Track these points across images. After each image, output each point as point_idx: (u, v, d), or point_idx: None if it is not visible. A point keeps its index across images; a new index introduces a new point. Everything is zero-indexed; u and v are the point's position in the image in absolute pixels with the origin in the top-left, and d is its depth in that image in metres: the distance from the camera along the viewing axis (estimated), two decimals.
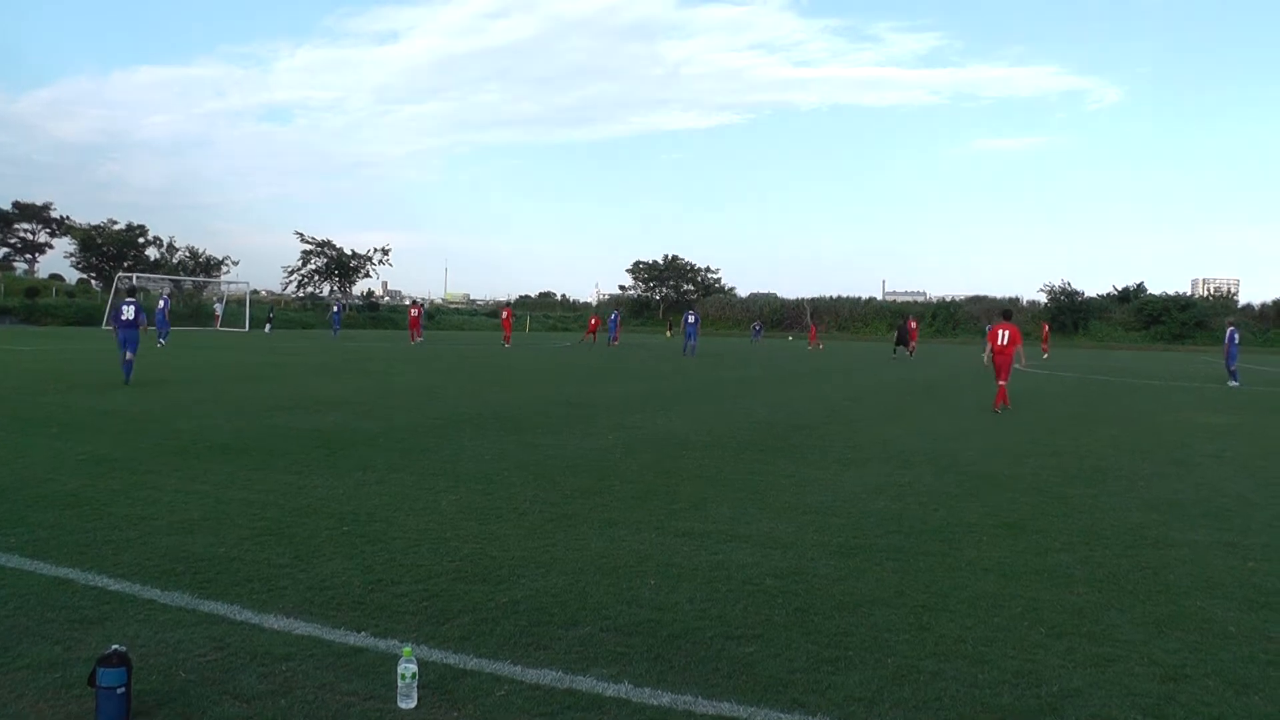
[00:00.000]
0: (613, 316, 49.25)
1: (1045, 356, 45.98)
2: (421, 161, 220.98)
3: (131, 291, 24.26)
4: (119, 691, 3.54)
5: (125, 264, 66.09)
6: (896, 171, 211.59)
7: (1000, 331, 18.13)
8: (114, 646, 3.65)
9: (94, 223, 72.49)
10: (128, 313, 19.31)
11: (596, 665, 4.25)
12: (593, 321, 52.96)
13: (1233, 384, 26.31)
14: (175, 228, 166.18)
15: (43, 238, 79.61)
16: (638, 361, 32.60)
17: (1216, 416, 17.95)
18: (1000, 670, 4.35)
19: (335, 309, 58.16)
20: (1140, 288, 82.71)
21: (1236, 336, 27.61)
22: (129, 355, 18.77)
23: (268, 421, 12.62)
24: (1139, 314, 77.91)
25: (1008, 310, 20.21)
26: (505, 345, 42.49)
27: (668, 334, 74.41)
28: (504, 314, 47.02)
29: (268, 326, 55.91)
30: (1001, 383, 17.94)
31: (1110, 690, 4.16)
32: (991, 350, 18.14)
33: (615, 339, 48.12)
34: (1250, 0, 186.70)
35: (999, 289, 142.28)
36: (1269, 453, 12.83)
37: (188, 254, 75.04)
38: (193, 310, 59.91)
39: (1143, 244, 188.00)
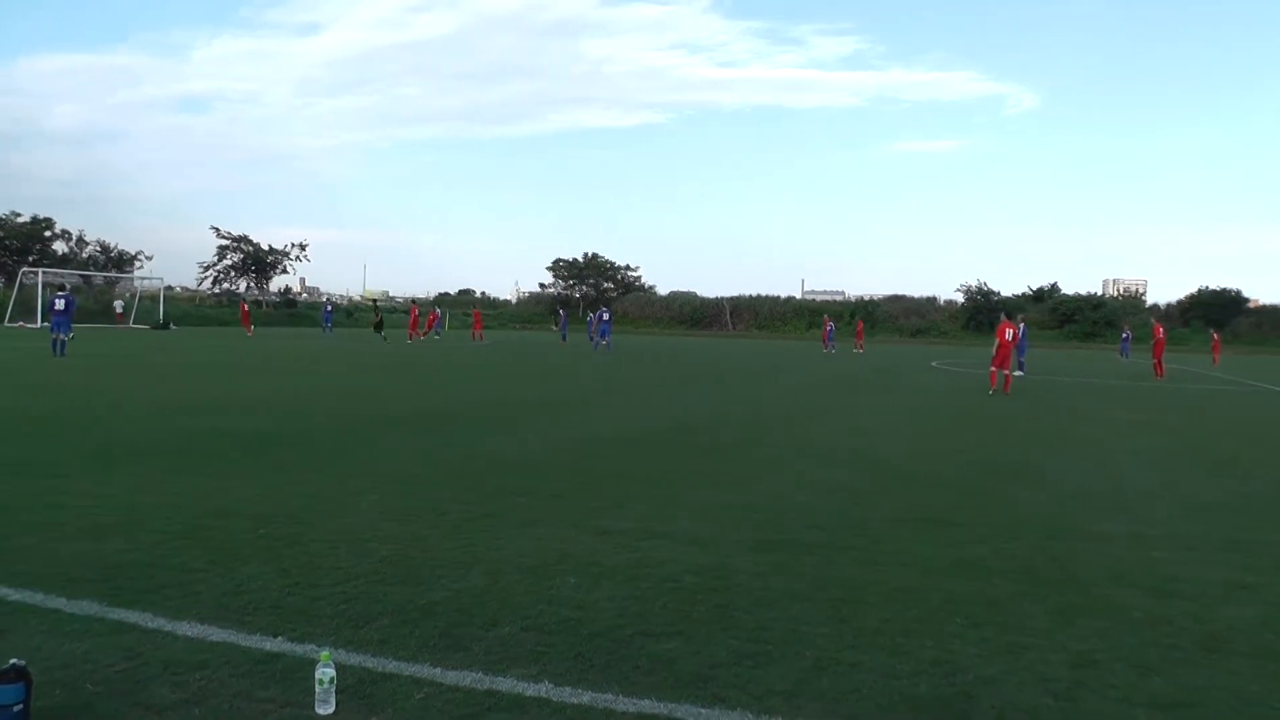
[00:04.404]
0: (603, 316, 43.02)
1: (859, 351, 47.22)
2: (342, 156, 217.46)
3: (62, 287, 29.40)
4: (16, 709, 3.39)
5: (30, 258, 63.92)
6: (818, 172, 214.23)
7: (1006, 329, 21.74)
8: (11, 661, 3.49)
9: None
10: (60, 304, 25.73)
11: (517, 665, 4.21)
12: (475, 314, 53.34)
13: (1018, 373, 27.41)
14: (85, 221, 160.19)
15: None
16: (558, 360, 32.51)
17: (1127, 412, 18.54)
18: (918, 660, 4.43)
19: (327, 308, 57.35)
20: (1054, 288, 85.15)
21: (1026, 331, 30.64)
22: (61, 337, 24.86)
23: (184, 422, 12.30)
24: (1053, 313, 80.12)
25: (1011, 310, 23.91)
26: (480, 341, 45.11)
27: (553, 328, 75.60)
28: (474, 312, 51.77)
29: (327, 328, 52.92)
30: (994, 368, 21.52)
31: (1023, 677, 4.27)
32: (999, 344, 21.64)
33: (605, 339, 42.05)
34: (1160, 14, 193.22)
35: (917, 288, 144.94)
36: (1175, 447, 13.30)
37: (98, 249, 72.97)
38: (104, 307, 58.08)
39: (1057, 245, 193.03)
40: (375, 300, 68.32)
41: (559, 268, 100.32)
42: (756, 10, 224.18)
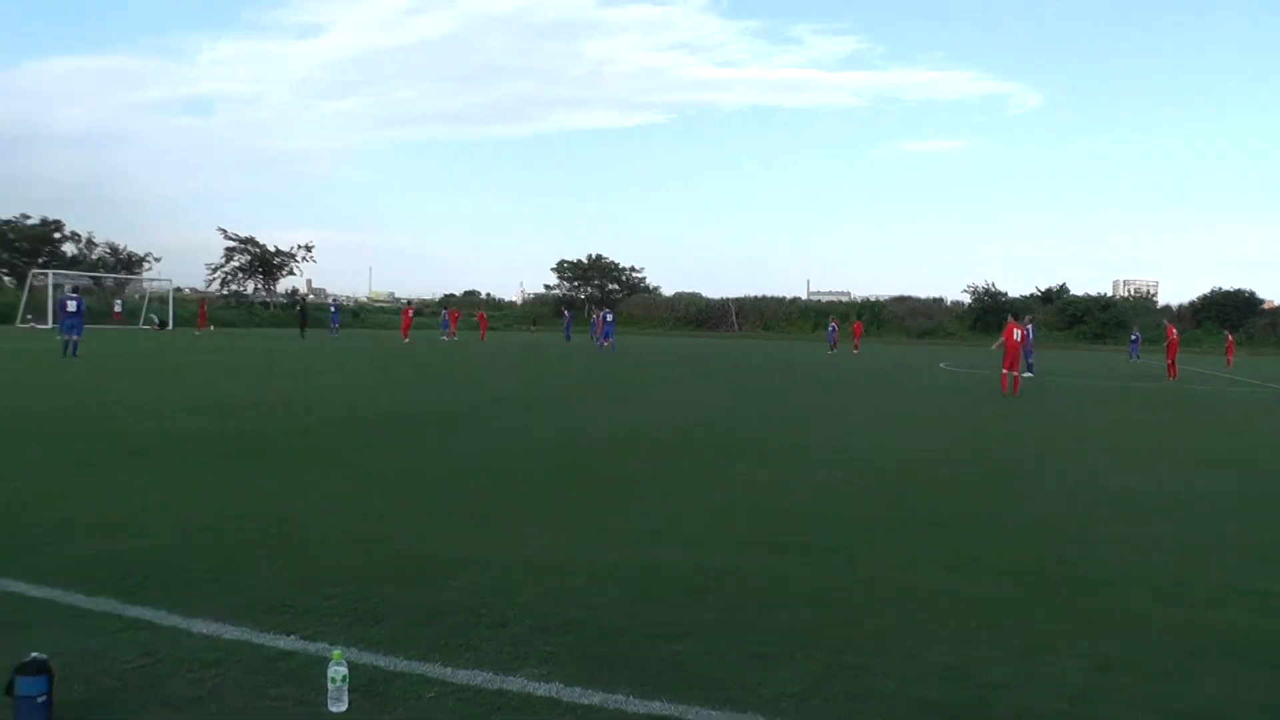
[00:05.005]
0: (607, 316, 43.67)
1: (856, 353, 47.06)
2: (344, 157, 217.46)
3: (75, 289, 29.49)
4: (39, 700, 3.41)
5: (40, 260, 64.06)
6: (821, 172, 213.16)
7: (1014, 330, 21.93)
8: (33, 654, 3.51)
9: (5, 217, 70.17)
10: (72, 305, 25.74)
11: (526, 665, 4.20)
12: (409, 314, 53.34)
13: (1027, 375, 27.31)
14: (93, 223, 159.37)
15: None
16: (562, 361, 32.53)
17: (1138, 414, 18.45)
18: (929, 664, 4.39)
19: (333, 309, 57.80)
20: (1063, 288, 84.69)
21: (1033, 332, 30.05)
22: (73, 338, 24.82)
23: (192, 423, 12.32)
24: (1062, 314, 79.78)
25: (1018, 311, 24.58)
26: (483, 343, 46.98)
27: (532, 329, 78.63)
28: (479, 314, 55.72)
29: (334, 328, 52.48)
30: (1005, 372, 21.61)
31: (1038, 682, 4.22)
32: (1005, 344, 21.87)
33: (609, 340, 42.06)
34: (1164, 10, 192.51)
35: (923, 289, 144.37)
36: (1188, 448, 13.25)
37: (108, 250, 73.09)
38: (112, 308, 58.23)
39: (1065, 246, 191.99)
40: (303, 296, 69.31)
41: (563, 269, 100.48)
42: (753, 10, 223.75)
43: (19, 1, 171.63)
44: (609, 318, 42.70)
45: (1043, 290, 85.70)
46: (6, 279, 68.08)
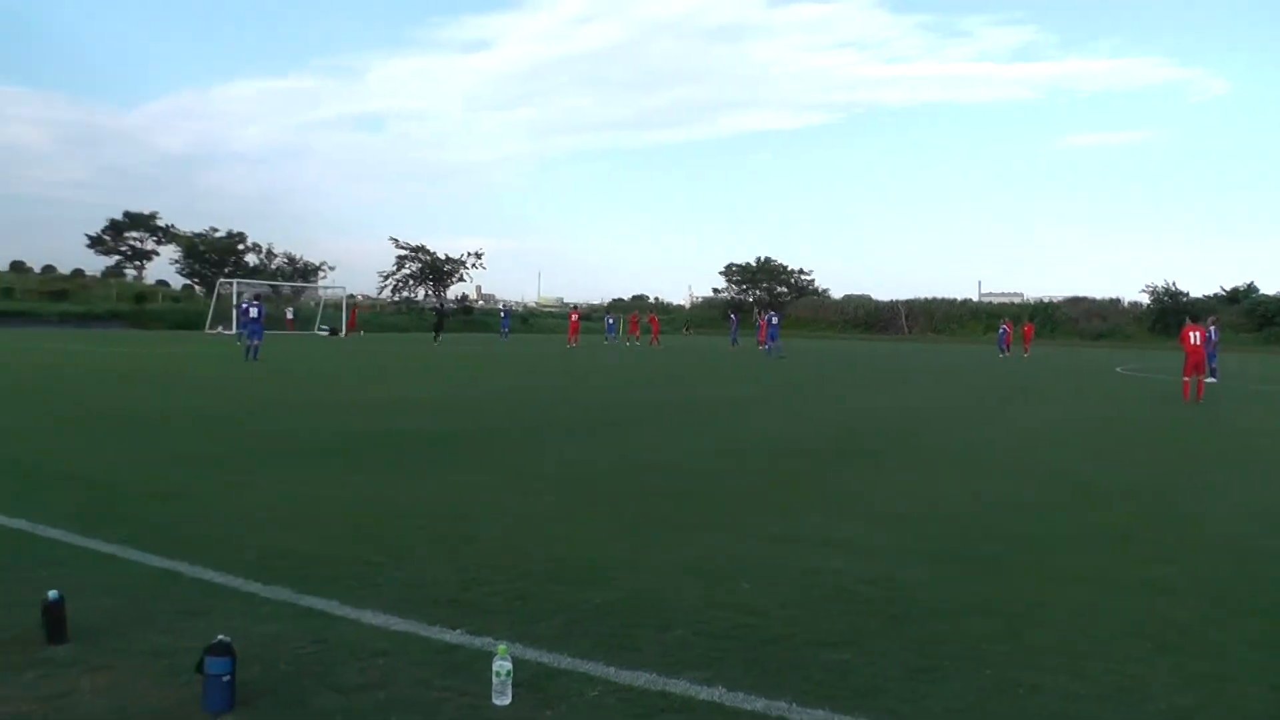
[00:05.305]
0: (772, 319, 43.15)
1: (1026, 356, 44.95)
2: (513, 166, 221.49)
3: (257, 297, 32.77)
4: (224, 680, 3.67)
5: (226, 270, 68.25)
6: (993, 169, 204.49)
7: (1190, 333, 20.97)
8: (219, 636, 3.77)
9: (197, 231, 75.34)
10: (253, 312, 27.61)
11: (690, 668, 4.23)
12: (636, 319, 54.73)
13: (1211, 380, 25.33)
14: (273, 235, 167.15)
15: (149, 245, 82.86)
16: (727, 364, 32.51)
17: None
18: (1101, 685, 4.21)
19: (503, 315, 60.16)
20: (1250, 288, 79.32)
21: (1215, 333, 27.60)
22: (255, 342, 26.53)
23: (360, 422, 12.91)
24: (1250, 316, 74.76)
25: (1197, 313, 23.42)
26: (656, 347, 48.15)
27: (686, 333, 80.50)
28: (652, 318, 56.84)
29: (504, 333, 55.39)
30: (1186, 379, 20.57)
31: (1224, 712, 3.97)
32: (1185, 351, 20.94)
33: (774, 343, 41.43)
34: None
35: (1099, 289, 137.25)
36: None
37: (286, 260, 77.28)
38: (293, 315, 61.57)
39: (1253, 242, 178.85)
40: (449, 299, 71.23)
41: (731, 272, 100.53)
42: (923, 4, 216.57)
43: (206, 31, 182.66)
44: (774, 320, 42.36)
45: (1228, 290, 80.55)
46: (198, 288, 72.95)
